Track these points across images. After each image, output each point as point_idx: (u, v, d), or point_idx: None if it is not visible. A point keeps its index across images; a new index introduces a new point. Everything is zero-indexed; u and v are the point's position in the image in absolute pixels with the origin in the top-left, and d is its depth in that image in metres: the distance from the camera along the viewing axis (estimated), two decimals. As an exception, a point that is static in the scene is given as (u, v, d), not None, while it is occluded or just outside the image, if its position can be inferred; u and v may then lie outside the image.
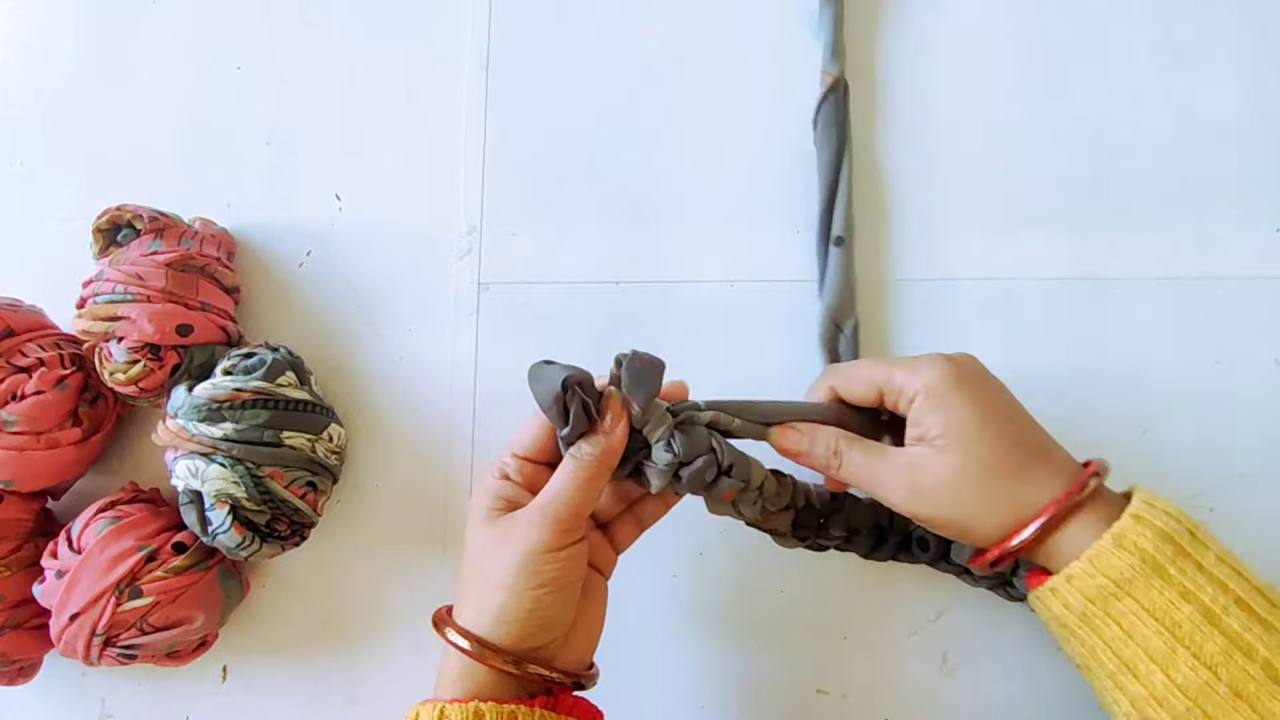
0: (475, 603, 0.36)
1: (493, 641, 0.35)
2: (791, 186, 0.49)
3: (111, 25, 0.56)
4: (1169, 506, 0.34)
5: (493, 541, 0.36)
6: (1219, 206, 0.47)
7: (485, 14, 0.53)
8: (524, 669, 0.35)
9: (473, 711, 0.33)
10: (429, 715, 0.34)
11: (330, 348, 0.50)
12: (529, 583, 0.35)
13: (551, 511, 0.35)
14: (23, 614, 0.45)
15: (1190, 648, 0.31)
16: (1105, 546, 0.32)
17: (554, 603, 0.35)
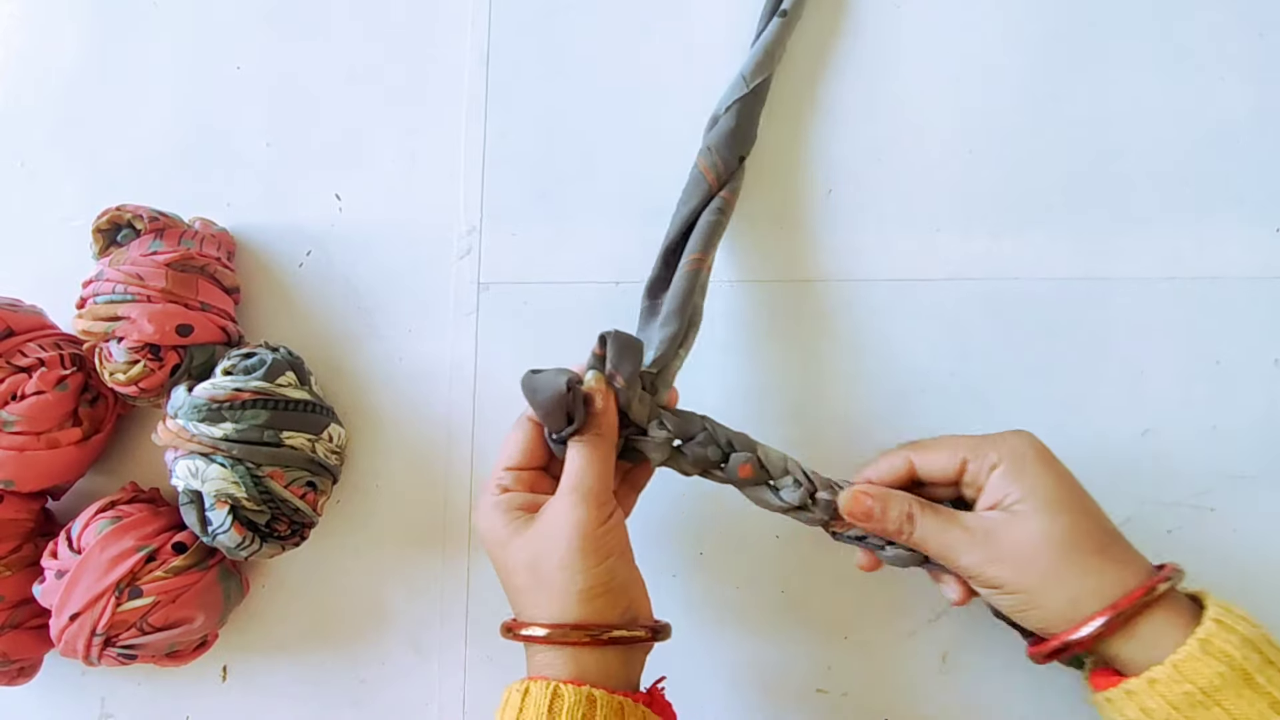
0: (545, 597, 0.36)
1: (569, 621, 0.36)
2: (792, 185, 0.49)
3: (112, 26, 0.56)
4: (1243, 612, 0.33)
5: (540, 538, 0.37)
6: (1219, 207, 0.47)
7: (485, 13, 0.53)
8: (605, 636, 0.36)
9: (585, 695, 0.34)
10: (541, 692, 0.34)
11: (330, 348, 0.50)
12: (595, 558, 0.36)
13: (586, 490, 0.37)
14: (23, 614, 0.45)
15: None
16: (1193, 652, 0.31)
17: (620, 568, 0.37)
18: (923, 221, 0.49)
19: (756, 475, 0.40)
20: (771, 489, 0.41)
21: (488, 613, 0.48)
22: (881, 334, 0.48)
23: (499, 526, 0.38)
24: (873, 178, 0.49)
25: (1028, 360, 0.47)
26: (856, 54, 0.50)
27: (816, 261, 0.49)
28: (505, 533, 0.38)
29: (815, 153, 0.50)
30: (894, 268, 0.48)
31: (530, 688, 0.34)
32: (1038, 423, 0.46)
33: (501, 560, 0.38)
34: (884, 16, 0.51)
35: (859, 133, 0.50)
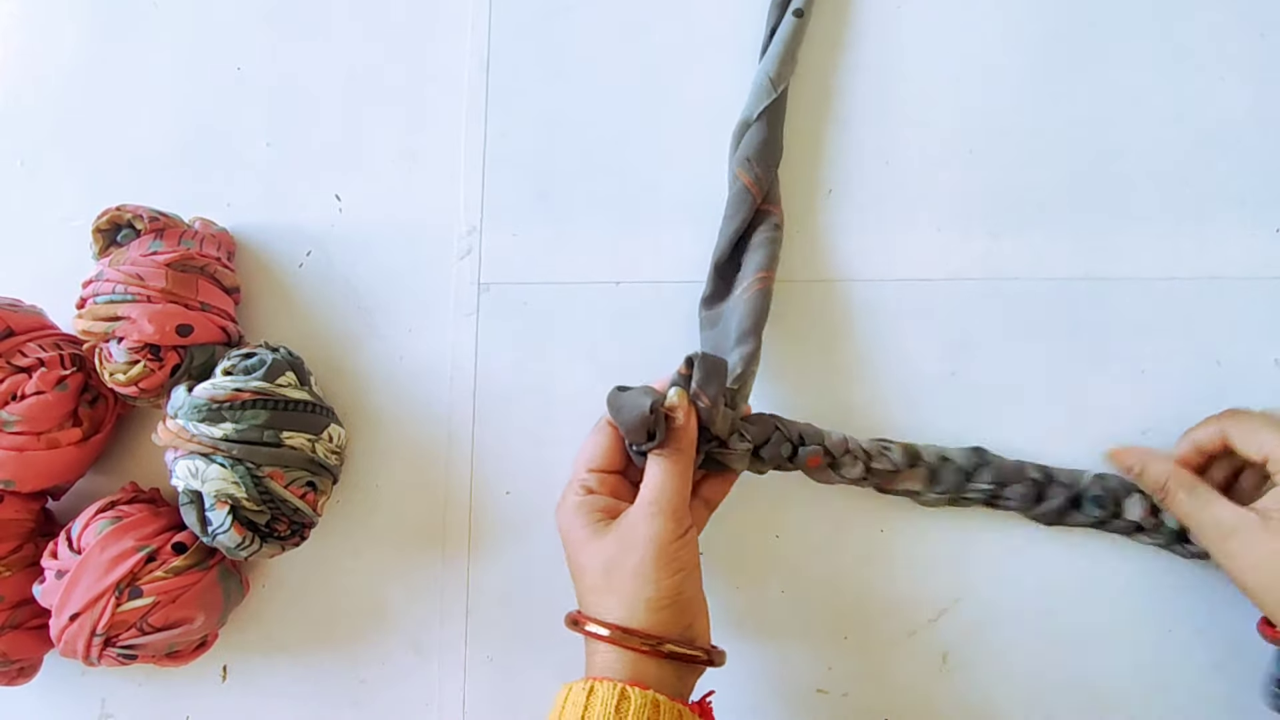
0: (614, 599, 0.38)
1: (634, 627, 0.37)
2: (793, 186, 0.49)
3: (112, 25, 0.56)
4: None
5: (617, 544, 0.38)
6: (1219, 207, 0.47)
7: (485, 14, 0.53)
8: (664, 649, 0.37)
9: (651, 700, 0.35)
10: (608, 692, 0.35)
11: (330, 348, 0.50)
12: (668, 570, 0.37)
13: (665, 503, 0.39)
14: (23, 614, 0.45)
15: None
16: None
17: (690, 584, 0.38)
18: (923, 221, 0.49)
19: (823, 461, 0.43)
20: (835, 469, 0.44)
21: (488, 613, 0.48)
22: (882, 334, 0.48)
23: (579, 527, 0.40)
24: (873, 178, 0.49)
25: (1028, 360, 0.47)
26: (857, 54, 0.50)
27: (816, 262, 0.49)
28: (585, 533, 0.39)
29: (815, 153, 0.50)
30: (894, 268, 0.48)
31: (596, 687, 0.35)
32: (1038, 422, 0.46)
33: (577, 559, 0.40)
34: (884, 17, 0.51)
35: (859, 133, 0.50)
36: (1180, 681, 0.44)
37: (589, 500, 0.40)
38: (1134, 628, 0.44)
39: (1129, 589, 0.45)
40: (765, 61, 0.48)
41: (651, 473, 0.40)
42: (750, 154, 0.47)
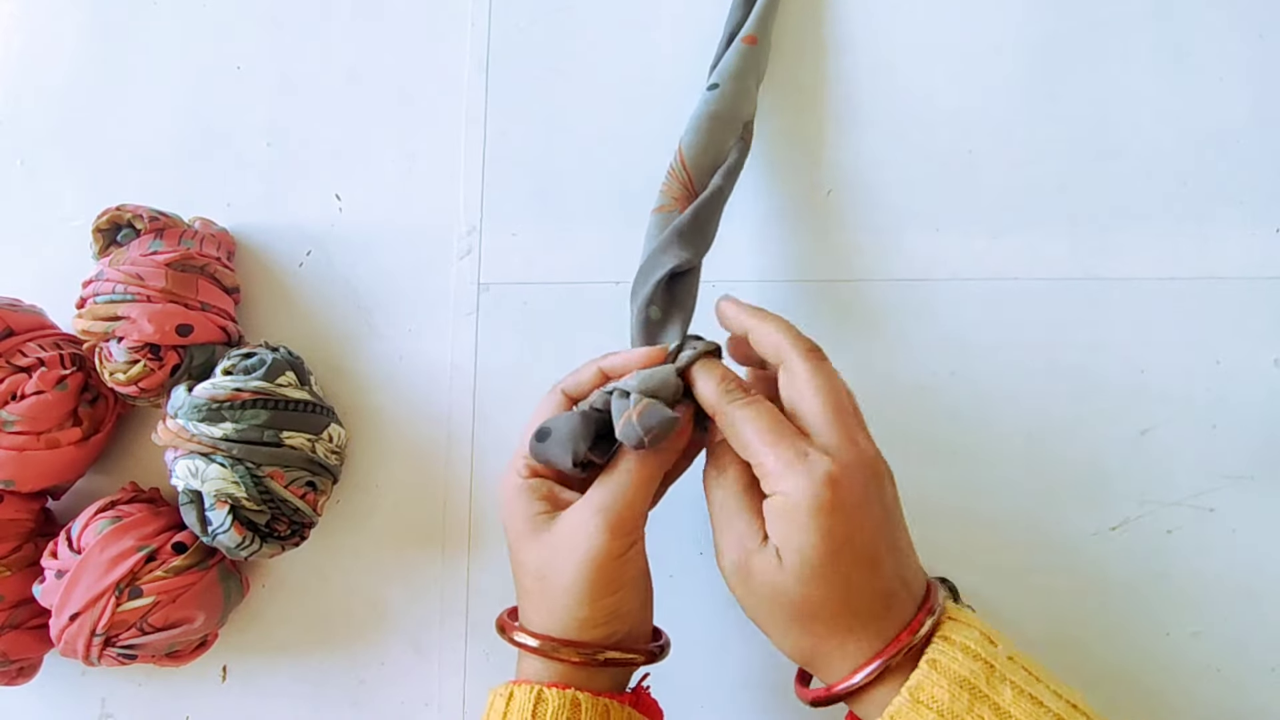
0: (545, 611, 0.35)
1: (566, 637, 0.34)
2: (792, 186, 0.49)
3: (112, 25, 0.56)
4: (969, 638, 0.32)
5: (551, 550, 0.35)
6: (1219, 207, 0.47)
7: (485, 14, 0.53)
8: (599, 657, 0.34)
9: (570, 699, 0.33)
10: (525, 696, 0.33)
11: (330, 348, 0.50)
12: (605, 590, 0.34)
13: (615, 517, 0.34)
14: (23, 614, 0.45)
15: None
16: (903, 704, 0.31)
17: (630, 598, 0.35)
18: (923, 221, 0.49)
19: None
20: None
21: (488, 613, 0.48)
22: (881, 334, 0.48)
23: (517, 516, 0.36)
24: (872, 178, 0.49)
25: (1028, 360, 0.47)
26: (856, 54, 0.50)
27: (816, 262, 0.49)
28: (524, 527, 0.36)
29: (815, 153, 0.50)
30: (894, 268, 0.48)
31: (515, 692, 0.34)
32: (1038, 422, 0.46)
33: (515, 553, 0.37)
34: (884, 17, 0.51)
35: (859, 133, 0.50)
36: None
37: (531, 485, 0.36)
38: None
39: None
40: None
41: (615, 473, 0.35)
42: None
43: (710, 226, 0.42)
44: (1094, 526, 0.46)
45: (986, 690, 0.30)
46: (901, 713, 0.30)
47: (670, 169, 0.44)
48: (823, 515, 0.31)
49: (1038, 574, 0.45)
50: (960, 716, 0.30)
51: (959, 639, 0.32)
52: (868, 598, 0.32)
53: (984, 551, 0.46)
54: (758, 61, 0.47)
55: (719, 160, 0.44)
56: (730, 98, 0.45)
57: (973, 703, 0.30)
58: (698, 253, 0.41)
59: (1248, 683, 0.42)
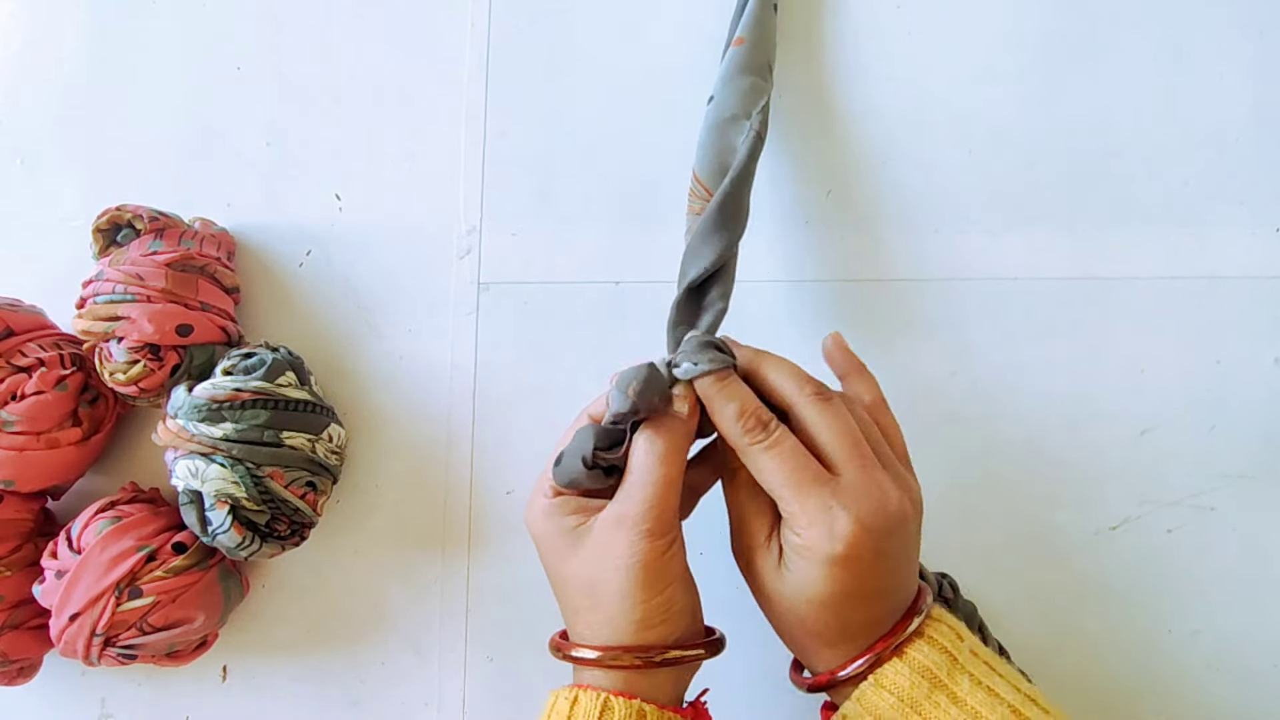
0: (600, 622, 0.35)
1: (626, 644, 0.35)
2: (792, 186, 0.49)
3: (111, 25, 0.56)
4: (939, 633, 0.34)
5: (595, 559, 0.35)
6: (1219, 206, 0.47)
7: (485, 14, 0.53)
8: (663, 658, 0.35)
9: (636, 710, 0.33)
10: (590, 702, 0.33)
11: (330, 348, 0.50)
12: (655, 589, 0.35)
13: (646, 517, 0.35)
14: (23, 614, 0.45)
15: None
16: (869, 687, 0.34)
17: (679, 594, 0.36)
18: (922, 221, 0.49)
19: None
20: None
21: (488, 613, 0.48)
22: (881, 334, 0.48)
23: (554, 535, 0.36)
24: (872, 178, 0.49)
25: (1028, 360, 0.47)
26: (856, 54, 0.50)
27: (815, 262, 0.49)
28: (561, 544, 0.36)
29: (814, 153, 0.50)
30: (893, 268, 0.48)
31: (580, 697, 0.34)
32: (1038, 422, 0.46)
33: (557, 571, 0.37)
34: (884, 17, 0.51)
35: (858, 133, 0.50)
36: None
37: (559, 504, 0.37)
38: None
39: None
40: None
41: (636, 477, 0.35)
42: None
43: (742, 207, 0.42)
44: (1094, 526, 0.46)
45: (945, 680, 0.33)
46: (866, 694, 0.34)
47: (690, 190, 0.44)
48: (836, 568, 0.33)
49: (1038, 574, 0.45)
50: (918, 702, 0.33)
51: (929, 632, 0.34)
52: (860, 623, 0.35)
53: (984, 551, 0.46)
54: (752, 58, 0.47)
55: (729, 162, 0.44)
56: (724, 101, 0.45)
57: (931, 690, 0.33)
58: (734, 235, 0.41)
59: (1248, 681, 0.42)
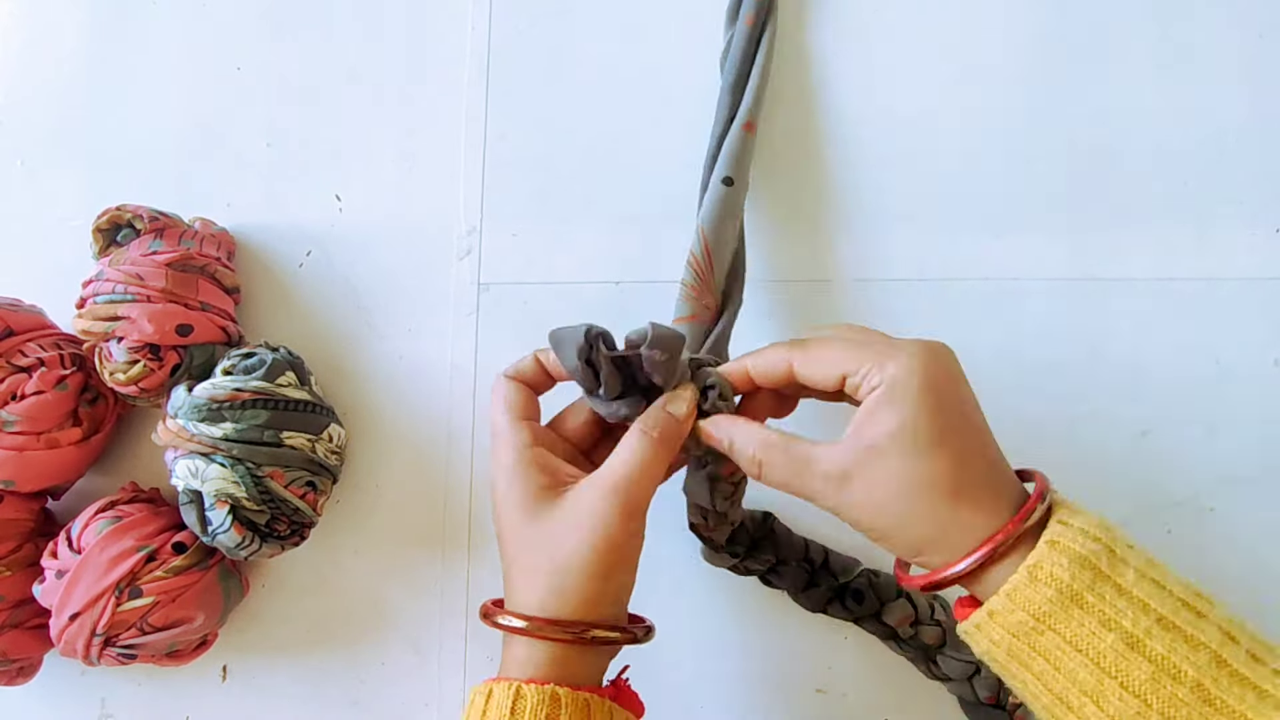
0: (544, 590, 0.34)
1: (553, 616, 0.34)
2: (792, 186, 0.49)
3: (111, 25, 0.56)
4: (1087, 523, 0.31)
5: (557, 528, 0.35)
6: (1219, 207, 0.47)
7: (485, 14, 0.53)
8: (588, 635, 0.34)
9: (549, 695, 0.33)
10: (504, 694, 0.33)
11: (330, 348, 0.50)
12: (616, 568, 0.34)
13: (628, 498, 0.34)
14: (23, 614, 0.45)
15: (1117, 677, 0.29)
16: (1021, 580, 0.30)
17: (628, 580, 0.36)
18: (923, 221, 0.49)
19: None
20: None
21: (488, 613, 0.48)
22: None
23: (518, 489, 0.35)
24: (872, 178, 0.49)
25: (1028, 360, 0.47)
26: (856, 55, 0.50)
27: (815, 263, 0.49)
28: (526, 502, 0.35)
29: (814, 153, 0.50)
30: (894, 268, 0.48)
31: (494, 690, 0.34)
32: (1038, 422, 0.46)
33: (513, 528, 0.36)
34: (884, 17, 0.51)
35: (859, 133, 0.50)
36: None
37: (531, 456, 0.36)
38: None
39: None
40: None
41: (625, 452, 0.35)
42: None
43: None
44: (1094, 526, 0.46)
45: (1108, 570, 0.30)
46: (1019, 589, 0.30)
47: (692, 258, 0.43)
48: (933, 387, 0.32)
49: (1038, 574, 0.45)
50: (1080, 595, 0.30)
51: (1077, 524, 0.31)
52: (982, 466, 0.33)
53: (984, 551, 0.46)
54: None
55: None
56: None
57: (1094, 581, 0.30)
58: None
59: (1248, 683, 0.42)
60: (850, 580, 0.44)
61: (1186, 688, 0.28)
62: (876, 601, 0.43)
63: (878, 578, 0.44)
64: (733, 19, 0.50)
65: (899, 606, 0.43)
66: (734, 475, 0.39)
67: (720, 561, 0.44)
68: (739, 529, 0.43)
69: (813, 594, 0.44)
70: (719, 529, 0.41)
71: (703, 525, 0.41)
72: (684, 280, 0.43)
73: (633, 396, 0.37)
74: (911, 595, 0.44)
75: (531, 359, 0.39)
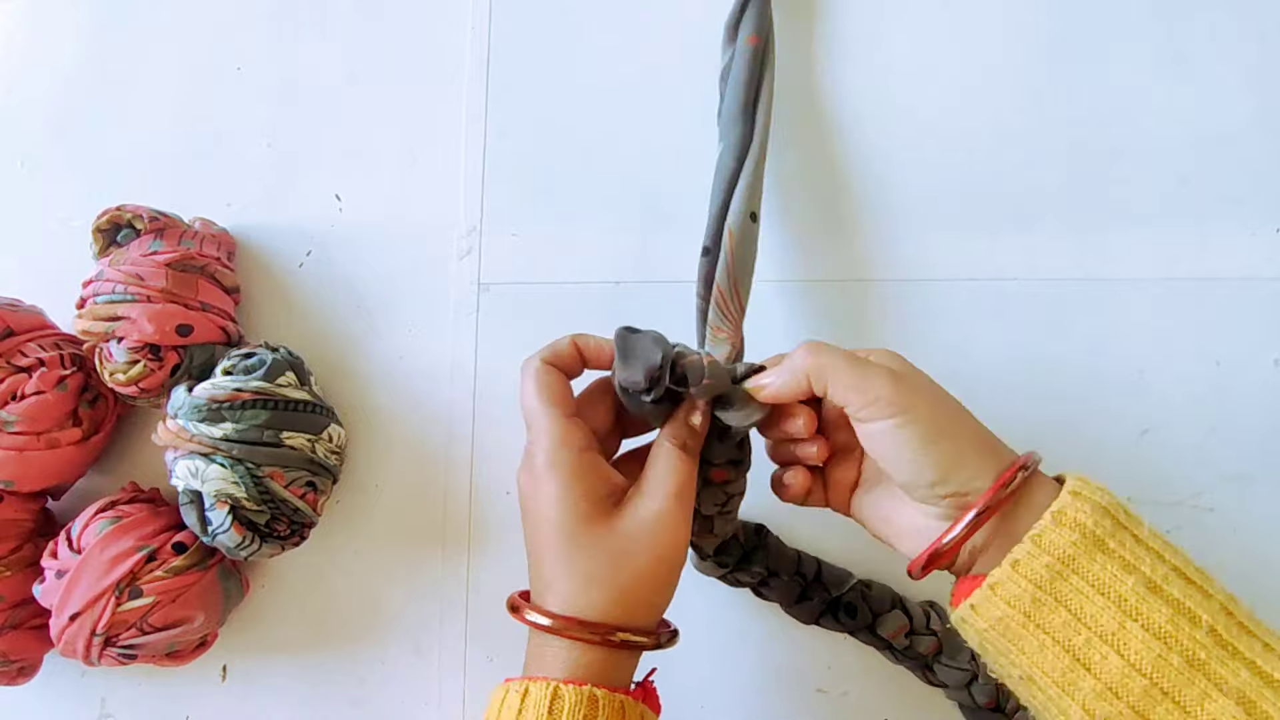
0: (613, 599, 0.35)
1: (581, 616, 0.34)
2: (792, 186, 0.49)
3: (111, 25, 0.56)
4: (1100, 484, 0.33)
5: (624, 539, 0.35)
6: (1219, 207, 0.47)
7: (485, 14, 0.53)
8: (616, 638, 0.34)
9: (587, 695, 0.33)
10: (541, 693, 0.33)
11: (330, 348, 0.50)
12: (673, 578, 0.36)
13: (687, 511, 0.36)
14: (23, 614, 0.45)
15: (1139, 619, 0.30)
16: (1047, 524, 0.31)
17: (672, 590, 0.37)
18: (923, 221, 0.49)
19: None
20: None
21: (488, 613, 0.48)
22: (881, 335, 0.48)
23: (579, 493, 0.35)
24: (872, 178, 0.49)
25: (1028, 360, 0.47)
26: (856, 55, 0.50)
27: (816, 262, 0.49)
28: (590, 508, 0.35)
29: (814, 153, 0.50)
30: (894, 268, 0.48)
31: (530, 688, 0.34)
32: (1038, 422, 0.46)
33: (574, 533, 0.35)
34: (884, 17, 0.51)
35: (859, 133, 0.50)
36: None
37: (588, 461, 0.36)
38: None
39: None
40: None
41: (670, 468, 0.36)
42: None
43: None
44: (1094, 526, 0.46)
45: (1125, 522, 0.32)
46: (1046, 533, 0.31)
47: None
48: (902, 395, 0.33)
49: (1038, 574, 0.45)
50: (1103, 540, 0.31)
51: (1094, 484, 0.33)
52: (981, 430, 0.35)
53: (984, 551, 0.46)
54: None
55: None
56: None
57: (1115, 529, 0.31)
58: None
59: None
60: (843, 594, 0.44)
61: (1203, 631, 0.29)
62: (870, 614, 0.43)
63: (871, 590, 0.44)
64: (731, 37, 0.48)
65: (893, 618, 0.43)
66: (727, 486, 0.39)
67: (710, 570, 0.44)
68: (731, 540, 0.43)
69: (805, 607, 0.44)
70: (704, 537, 0.41)
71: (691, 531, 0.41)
72: (712, 324, 0.41)
73: (666, 404, 0.38)
74: (906, 605, 0.44)
75: (569, 343, 0.39)
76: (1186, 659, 0.29)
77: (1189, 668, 0.29)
